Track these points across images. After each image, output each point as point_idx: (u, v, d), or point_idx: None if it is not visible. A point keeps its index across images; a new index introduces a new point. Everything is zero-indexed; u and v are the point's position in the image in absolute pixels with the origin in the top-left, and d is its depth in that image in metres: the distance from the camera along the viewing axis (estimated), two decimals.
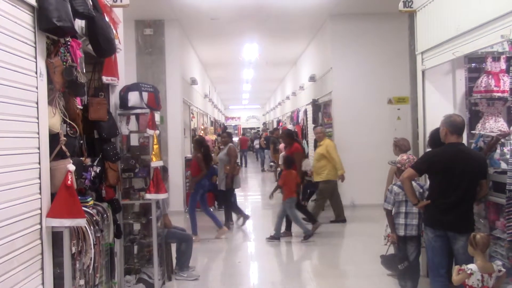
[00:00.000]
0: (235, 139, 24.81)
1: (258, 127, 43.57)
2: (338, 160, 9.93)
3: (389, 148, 6.94)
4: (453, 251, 4.73)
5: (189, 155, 13.16)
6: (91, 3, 4.52)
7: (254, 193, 15.89)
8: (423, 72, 6.43)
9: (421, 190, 5.37)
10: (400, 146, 6.57)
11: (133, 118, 6.10)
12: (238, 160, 13.72)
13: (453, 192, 4.66)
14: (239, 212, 10.53)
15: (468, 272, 4.27)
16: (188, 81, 14.14)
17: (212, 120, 26.55)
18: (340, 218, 10.34)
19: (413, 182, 5.13)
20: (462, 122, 4.84)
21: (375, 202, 9.37)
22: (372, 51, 11.96)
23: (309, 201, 12.20)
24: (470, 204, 4.72)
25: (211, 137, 17.09)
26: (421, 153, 6.23)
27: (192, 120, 15.72)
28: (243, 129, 46.71)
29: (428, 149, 5.62)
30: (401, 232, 5.51)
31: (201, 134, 17.97)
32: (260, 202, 13.65)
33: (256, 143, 30.56)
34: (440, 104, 6.28)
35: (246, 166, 25.99)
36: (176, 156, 11.80)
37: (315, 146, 12.36)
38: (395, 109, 11.91)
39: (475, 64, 6.20)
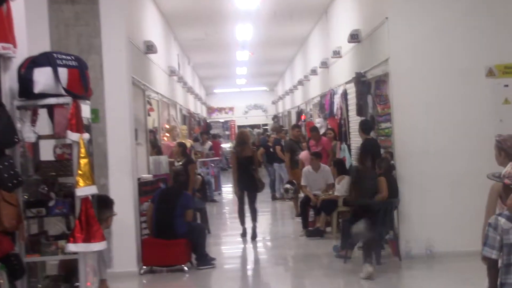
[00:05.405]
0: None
1: (266, 124, 43.75)
2: None
3: (489, 153, 6.93)
4: None
5: (146, 175, 13.18)
6: None
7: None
8: None
9: None
10: (507, 150, 6.52)
11: (43, 112, 6.15)
12: None
13: None
14: None
15: None
16: (141, 48, 14.21)
17: (186, 114, 26.65)
18: None
19: None
20: None
21: (467, 248, 9.30)
22: None
23: (354, 248, 12.06)
24: None
25: (185, 142, 17.16)
26: None
27: (149, 115, 15.74)
28: (239, 127, 46.87)
29: None
30: None
31: (164, 139, 18.00)
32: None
33: None
34: None
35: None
36: (122, 176, 11.75)
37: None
38: (500, 86, 11.82)
39: None
